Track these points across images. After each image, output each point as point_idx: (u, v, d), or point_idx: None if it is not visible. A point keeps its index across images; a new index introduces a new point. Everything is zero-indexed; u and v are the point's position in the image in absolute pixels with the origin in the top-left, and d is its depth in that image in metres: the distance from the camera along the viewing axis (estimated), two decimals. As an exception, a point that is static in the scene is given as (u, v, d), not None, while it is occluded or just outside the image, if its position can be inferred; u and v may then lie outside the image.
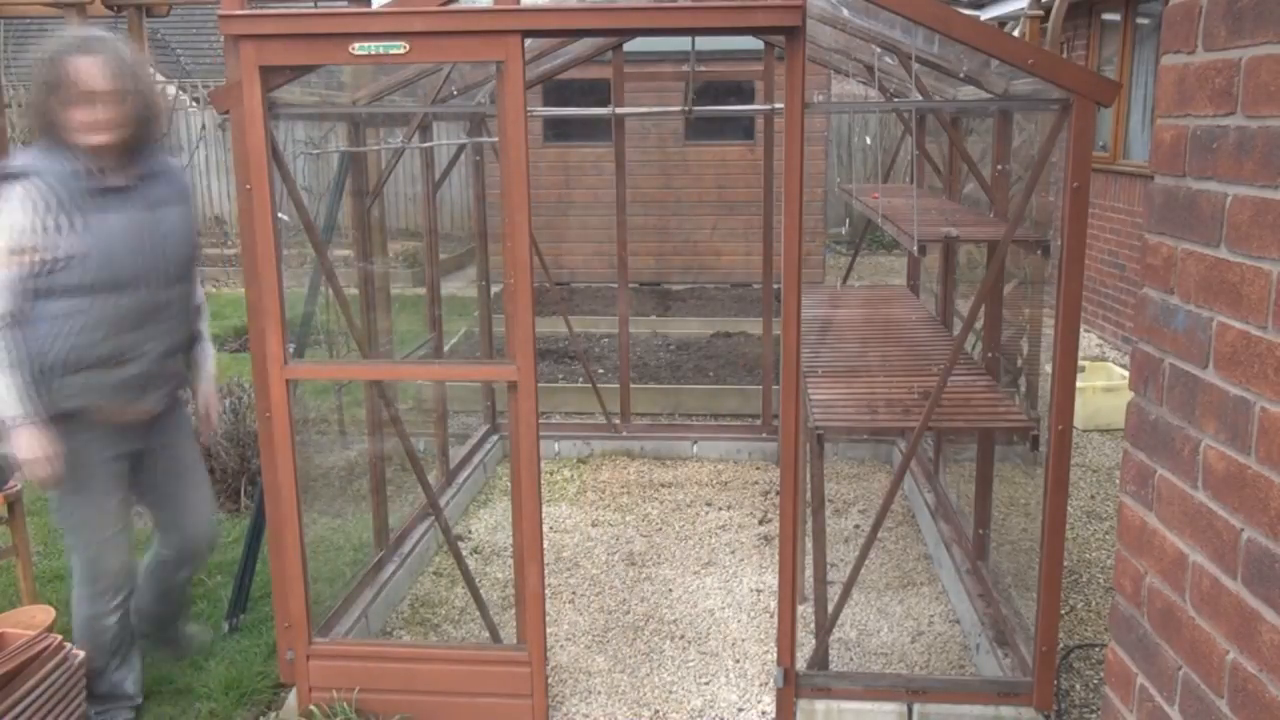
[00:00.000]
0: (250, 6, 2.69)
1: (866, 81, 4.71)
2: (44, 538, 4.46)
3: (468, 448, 5.24)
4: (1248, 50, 1.40)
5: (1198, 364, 1.54)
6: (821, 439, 3.11)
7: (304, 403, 4.64)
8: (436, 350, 4.87)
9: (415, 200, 11.52)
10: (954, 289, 4.59)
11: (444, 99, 4.33)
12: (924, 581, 4.03)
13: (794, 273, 2.71)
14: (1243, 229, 1.42)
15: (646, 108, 5.78)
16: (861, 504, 4.83)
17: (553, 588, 3.99)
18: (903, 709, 2.99)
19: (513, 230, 2.73)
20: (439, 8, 2.63)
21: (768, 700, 3.23)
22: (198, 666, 3.41)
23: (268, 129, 2.75)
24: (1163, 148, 1.63)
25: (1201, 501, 1.53)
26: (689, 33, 3.86)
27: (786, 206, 2.68)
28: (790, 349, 2.77)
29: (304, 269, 3.63)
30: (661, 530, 4.56)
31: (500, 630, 3.37)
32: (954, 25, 2.61)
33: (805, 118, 2.62)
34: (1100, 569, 4.13)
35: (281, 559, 3.02)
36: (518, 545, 2.97)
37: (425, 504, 4.15)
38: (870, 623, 3.73)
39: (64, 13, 5.59)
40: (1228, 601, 1.46)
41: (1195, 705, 1.55)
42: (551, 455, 5.47)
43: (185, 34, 19.89)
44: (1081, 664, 3.45)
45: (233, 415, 4.78)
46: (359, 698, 3.07)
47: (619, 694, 3.30)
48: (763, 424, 5.47)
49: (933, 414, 2.96)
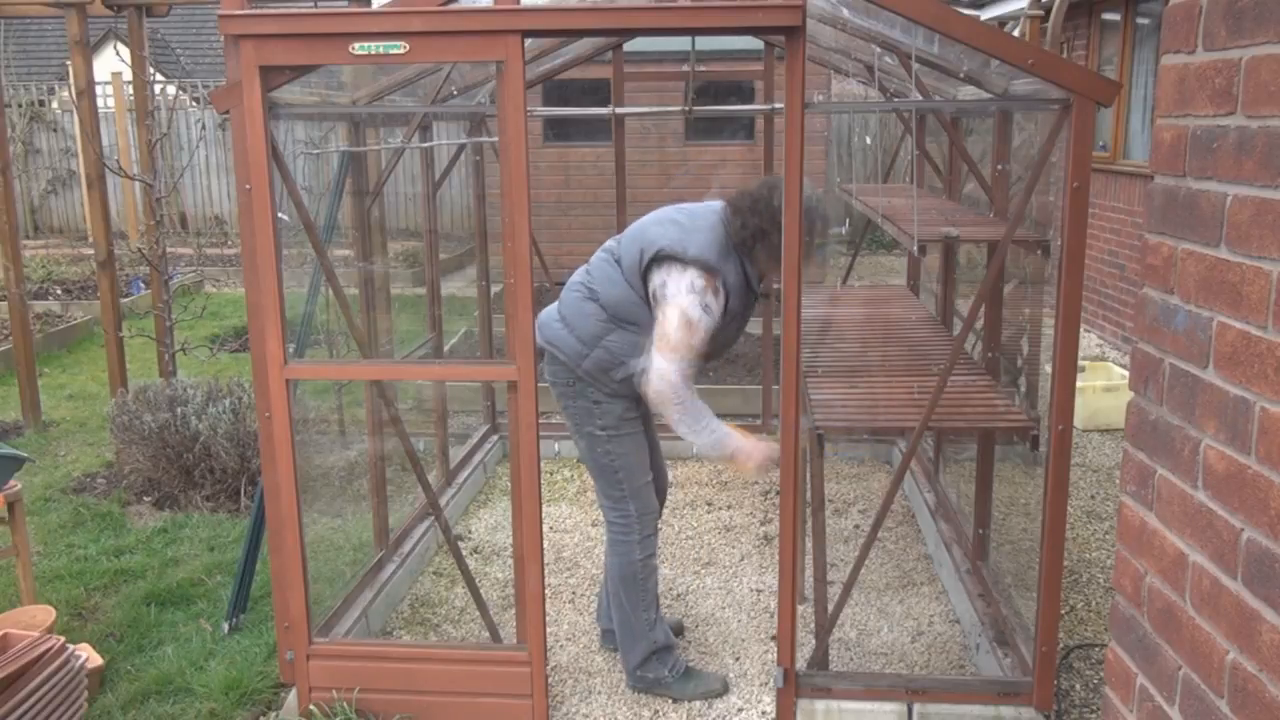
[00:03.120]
0: (250, 6, 2.69)
1: (866, 81, 4.71)
2: (44, 538, 4.46)
3: (468, 448, 5.24)
4: (1248, 50, 1.40)
5: (1198, 364, 1.54)
6: (821, 439, 3.11)
7: (304, 403, 4.63)
8: (436, 350, 4.87)
9: (415, 200, 11.51)
10: (954, 289, 4.58)
11: (444, 99, 4.33)
12: (924, 581, 4.03)
13: (794, 273, 2.71)
14: (1243, 229, 1.42)
15: (646, 108, 5.78)
16: (861, 504, 4.83)
17: (553, 588, 3.99)
18: (903, 709, 2.99)
19: (513, 230, 2.73)
20: (439, 8, 2.63)
21: (768, 700, 3.23)
22: (198, 666, 3.41)
23: (268, 129, 2.75)
24: (1163, 148, 1.63)
25: (1201, 501, 1.53)
26: (689, 33, 3.86)
27: (787, 207, 2.68)
28: (790, 349, 2.77)
29: (304, 269, 3.62)
30: (661, 530, 4.55)
31: (500, 630, 3.37)
32: (954, 25, 2.61)
33: (805, 118, 2.63)
34: (1100, 569, 4.13)
35: (281, 559, 3.03)
36: (518, 545, 2.97)
37: (425, 504, 4.15)
38: (870, 623, 3.73)
39: (64, 13, 5.60)
40: (1228, 601, 1.46)
41: (1195, 705, 1.55)
42: (551, 455, 5.47)
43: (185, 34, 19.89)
44: (1081, 664, 3.45)
45: (233, 415, 4.78)
46: (359, 698, 3.07)
47: (619, 694, 3.30)
48: (763, 424, 5.47)
49: (933, 414, 2.96)
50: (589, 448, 3.26)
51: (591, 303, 3.18)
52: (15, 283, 5.96)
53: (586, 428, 3.23)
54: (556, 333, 3.20)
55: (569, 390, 3.22)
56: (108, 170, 5.87)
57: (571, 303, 3.22)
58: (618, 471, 3.23)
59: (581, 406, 3.21)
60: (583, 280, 3.25)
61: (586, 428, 3.23)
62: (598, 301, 3.17)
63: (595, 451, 3.24)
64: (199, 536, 4.44)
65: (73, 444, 5.81)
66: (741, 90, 8.80)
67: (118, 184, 11.51)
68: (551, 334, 3.21)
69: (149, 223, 5.88)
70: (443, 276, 5.22)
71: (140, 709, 3.19)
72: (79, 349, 8.23)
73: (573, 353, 3.16)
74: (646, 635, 3.26)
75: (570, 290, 3.26)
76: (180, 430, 4.77)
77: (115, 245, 6.20)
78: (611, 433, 3.20)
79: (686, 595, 3.93)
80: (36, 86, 14.59)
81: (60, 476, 5.23)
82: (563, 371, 3.20)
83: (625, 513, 3.25)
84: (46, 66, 18.33)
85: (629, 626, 3.27)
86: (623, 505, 3.25)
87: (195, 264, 11.91)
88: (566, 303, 3.24)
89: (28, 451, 4.51)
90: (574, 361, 3.16)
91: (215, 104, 2.83)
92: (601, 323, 3.14)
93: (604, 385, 3.17)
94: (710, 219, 3.15)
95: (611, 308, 3.14)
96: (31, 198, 14.34)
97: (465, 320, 7.63)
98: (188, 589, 3.96)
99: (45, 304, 9.12)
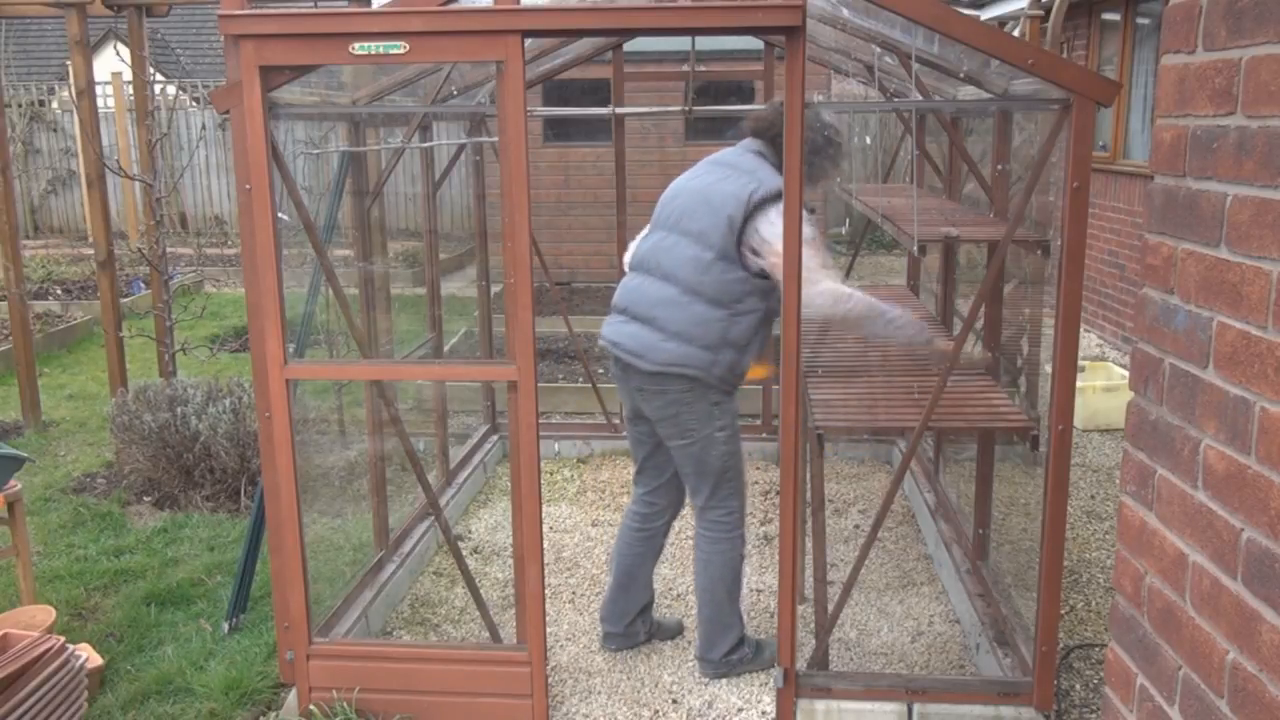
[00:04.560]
0: (250, 6, 2.69)
1: (866, 81, 4.71)
2: (44, 538, 4.46)
3: (468, 448, 5.24)
4: (1248, 50, 1.40)
5: (1198, 364, 1.54)
6: (821, 439, 3.11)
7: (304, 403, 4.63)
8: (436, 350, 4.87)
9: (415, 200, 11.51)
10: (954, 289, 4.59)
11: (444, 99, 4.33)
12: (924, 581, 4.03)
13: (794, 272, 2.71)
14: (1243, 229, 1.42)
15: (646, 108, 5.78)
16: (861, 504, 4.83)
17: (553, 588, 3.99)
18: (903, 709, 2.99)
19: (513, 230, 2.73)
20: (439, 8, 2.63)
21: (768, 700, 3.23)
22: (198, 666, 3.41)
23: (268, 129, 2.75)
24: (1163, 148, 1.63)
25: (1201, 501, 1.53)
26: (689, 33, 3.86)
27: (786, 207, 2.68)
28: (790, 349, 2.77)
29: (304, 269, 3.62)
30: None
31: (500, 630, 3.37)
32: (954, 25, 2.61)
33: (805, 117, 2.62)
34: (1100, 569, 4.13)
35: (281, 559, 3.03)
36: (518, 545, 2.97)
37: (425, 504, 4.15)
38: (870, 623, 3.73)
39: (64, 13, 5.60)
40: (1228, 601, 1.46)
41: (1195, 705, 1.55)
42: (551, 455, 5.47)
43: (185, 34, 19.90)
44: (1081, 664, 3.45)
45: (233, 415, 4.78)
46: (359, 698, 3.07)
47: (619, 694, 3.30)
48: (763, 424, 5.47)
49: (933, 414, 2.96)
50: (703, 451, 3.17)
51: (699, 305, 3.07)
52: (15, 283, 5.96)
53: (705, 431, 3.14)
54: (675, 352, 3.08)
55: (685, 398, 3.12)
56: (108, 170, 5.87)
57: (676, 318, 3.08)
58: (728, 471, 3.21)
59: (701, 411, 3.13)
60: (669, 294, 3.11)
61: (705, 431, 3.14)
62: (705, 300, 3.07)
63: (711, 454, 3.17)
64: (199, 536, 4.44)
65: (73, 444, 5.82)
66: (741, 90, 8.80)
67: (118, 184, 11.51)
68: (669, 356, 3.08)
69: (149, 223, 5.88)
70: (443, 276, 5.22)
71: (140, 709, 3.19)
72: (79, 349, 8.24)
73: (703, 363, 3.07)
74: (739, 625, 3.33)
75: (660, 307, 3.11)
76: (180, 430, 4.77)
77: (115, 245, 6.20)
78: (728, 433, 3.18)
79: (686, 595, 3.93)
80: (36, 86, 14.60)
81: (60, 476, 5.24)
82: (682, 384, 3.10)
83: (731, 509, 3.25)
84: (46, 66, 18.34)
85: (722, 619, 3.30)
86: (729, 503, 3.25)
87: (195, 264, 11.92)
88: (667, 320, 3.10)
89: (28, 451, 4.52)
90: (706, 371, 3.08)
91: (215, 104, 2.83)
92: (720, 321, 3.06)
93: (728, 384, 3.15)
94: (748, 158, 3.17)
95: (723, 300, 3.06)
96: (31, 198, 14.35)
97: (465, 320, 7.63)
98: (188, 589, 3.96)
99: (45, 304, 9.12)
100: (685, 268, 3.09)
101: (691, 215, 3.12)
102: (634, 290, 3.22)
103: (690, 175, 3.29)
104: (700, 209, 3.10)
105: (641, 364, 3.12)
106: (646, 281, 3.19)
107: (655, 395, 3.15)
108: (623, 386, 3.27)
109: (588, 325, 8.15)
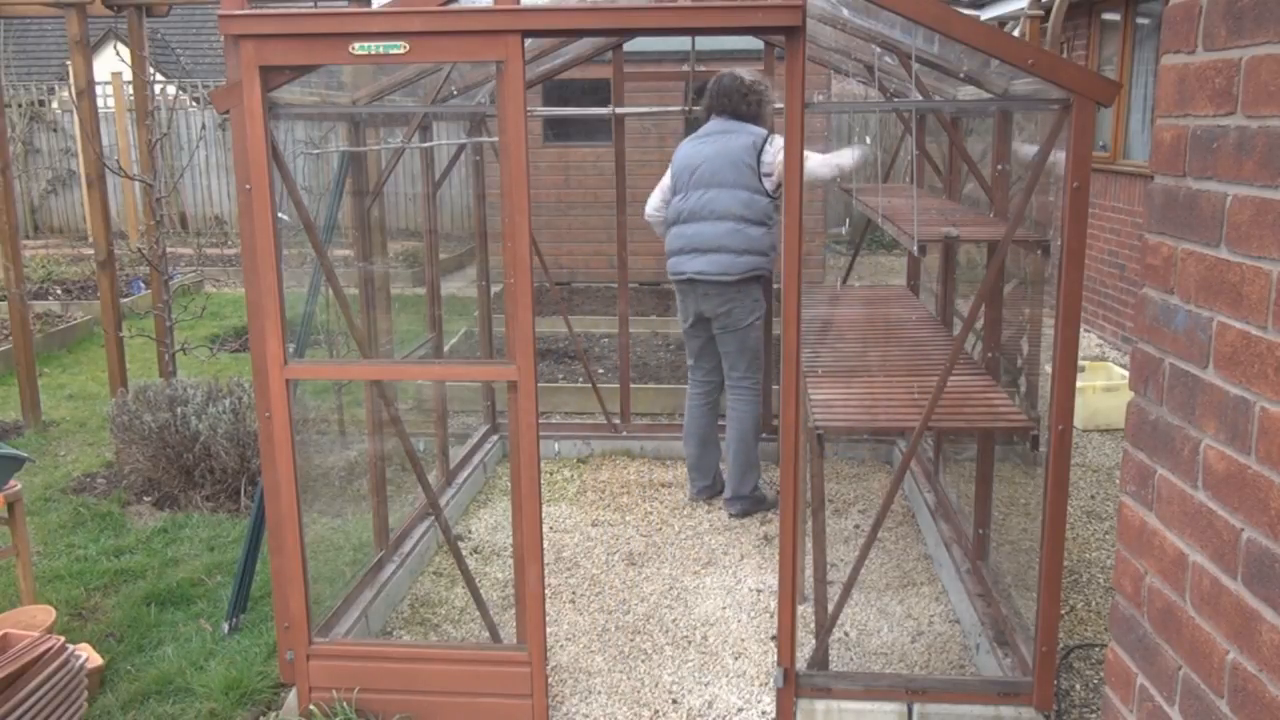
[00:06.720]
0: (250, 6, 2.70)
1: (866, 81, 4.71)
2: (44, 538, 4.46)
3: (468, 448, 5.24)
4: (1248, 50, 1.40)
5: (1198, 364, 1.54)
6: (821, 439, 3.11)
7: (304, 403, 4.63)
8: (436, 350, 4.87)
9: (415, 200, 11.51)
10: (954, 289, 4.59)
11: (444, 99, 4.33)
12: (924, 581, 4.03)
13: (794, 272, 2.71)
14: (1243, 229, 1.42)
15: (646, 108, 5.77)
16: (861, 504, 4.83)
17: (553, 588, 4.00)
18: (903, 709, 2.99)
19: (513, 230, 2.73)
20: (439, 8, 2.63)
21: (768, 700, 3.23)
22: (198, 666, 3.41)
23: (268, 129, 2.75)
24: (1163, 148, 1.63)
25: (1201, 501, 1.53)
26: (689, 33, 3.86)
27: (787, 206, 2.68)
28: (790, 349, 2.77)
29: (304, 269, 3.63)
30: (661, 530, 4.56)
31: (500, 630, 3.37)
32: (954, 25, 2.61)
33: (805, 117, 2.63)
34: (1100, 569, 4.13)
35: (281, 559, 3.03)
36: (518, 545, 2.97)
37: (425, 504, 4.15)
38: (870, 623, 3.73)
39: (64, 13, 5.60)
40: (1228, 601, 1.46)
41: (1195, 705, 1.55)
42: (551, 455, 5.47)
43: (185, 34, 19.91)
44: (1081, 664, 3.45)
45: (233, 415, 4.78)
46: (359, 698, 3.07)
47: (619, 694, 3.30)
48: (763, 424, 5.46)
49: (933, 414, 2.96)
50: (745, 335, 4.49)
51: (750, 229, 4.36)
52: (15, 283, 5.96)
53: (748, 320, 4.46)
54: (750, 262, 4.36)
55: (737, 295, 4.40)
56: (108, 170, 5.87)
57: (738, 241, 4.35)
58: (758, 349, 4.58)
59: (746, 304, 4.44)
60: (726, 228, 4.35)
61: (748, 320, 4.46)
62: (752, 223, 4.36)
63: (750, 337, 4.51)
64: (199, 536, 4.44)
65: (73, 444, 5.82)
66: (742, 90, 8.78)
67: (118, 184, 11.51)
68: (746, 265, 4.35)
69: (149, 223, 5.88)
70: (443, 276, 5.22)
71: (140, 709, 3.19)
72: (79, 349, 8.24)
73: (766, 264, 4.41)
74: (758, 468, 4.68)
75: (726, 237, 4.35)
76: (180, 430, 4.77)
77: (115, 245, 6.20)
78: (760, 320, 4.53)
79: (686, 595, 3.93)
80: (36, 86, 14.60)
81: (60, 476, 5.24)
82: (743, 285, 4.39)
83: (756, 380, 4.61)
84: (46, 66, 18.35)
85: (749, 458, 4.59)
86: (755, 375, 4.60)
87: (195, 264, 11.92)
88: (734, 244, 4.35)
89: (28, 451, 4.51)
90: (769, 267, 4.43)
91: (215, 104, 2.83)
92: (767, 235, 4.38)
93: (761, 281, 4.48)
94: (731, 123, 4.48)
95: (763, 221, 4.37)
96: (31, 198, 14.35)
97: (465, 320, 7.63)
98: (188, 589, 3.96)
99: (45, 304, 9.12)
100: (734, 207, 4.36)
101: (720, 172, 4.38)
102: (696, 234, 4.42)
103: (696, 146, 4.50)
104: (725, 168, 4.37)
105: (726, 278, 4.36)
106: (705, 226, 4.40)
107: (720, 300, 4.42)
108: (690, 301, 4.52)
109: (588, 325, 8.16)
